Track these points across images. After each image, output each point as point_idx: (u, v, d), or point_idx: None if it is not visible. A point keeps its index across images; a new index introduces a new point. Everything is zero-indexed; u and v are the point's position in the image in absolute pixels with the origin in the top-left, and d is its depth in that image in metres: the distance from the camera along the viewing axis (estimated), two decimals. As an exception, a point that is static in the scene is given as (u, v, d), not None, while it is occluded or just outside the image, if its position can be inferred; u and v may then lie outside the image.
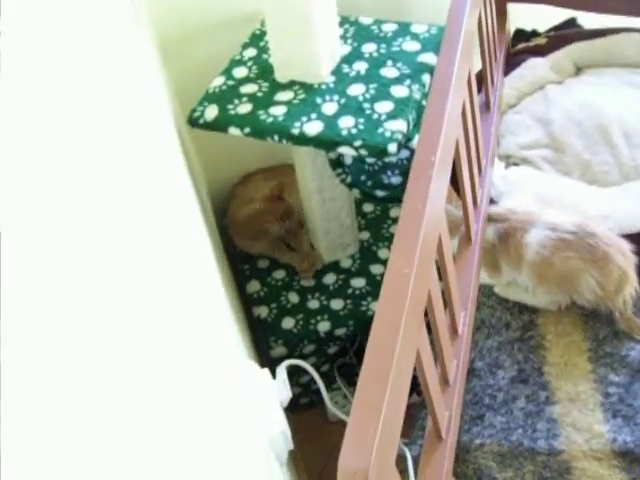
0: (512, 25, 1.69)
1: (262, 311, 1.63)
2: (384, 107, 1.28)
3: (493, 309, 1.32)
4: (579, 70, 1.57)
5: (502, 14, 1.57)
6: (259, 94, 1.36)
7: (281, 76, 1.38)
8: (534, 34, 1.65)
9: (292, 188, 1.60)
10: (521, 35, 1.68)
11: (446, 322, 1.00)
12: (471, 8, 1.13)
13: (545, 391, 1.21)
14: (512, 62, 1.56)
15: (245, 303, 1.69)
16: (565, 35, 1.58)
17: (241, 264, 1.73)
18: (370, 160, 1.54)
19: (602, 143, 1.40)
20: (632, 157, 1.38)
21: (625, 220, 1.30)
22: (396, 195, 1.46)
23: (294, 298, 1.64)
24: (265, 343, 1.61)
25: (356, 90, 1.33)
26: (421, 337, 0.80)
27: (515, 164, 1.45)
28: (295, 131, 1.27)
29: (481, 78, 1.38)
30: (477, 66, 1.37)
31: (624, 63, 1.55)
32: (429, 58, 1.37)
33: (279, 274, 1.70)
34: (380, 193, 1.49)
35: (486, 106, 1.39)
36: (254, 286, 1.68)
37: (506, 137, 1.48)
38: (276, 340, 1.58)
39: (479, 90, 1.40)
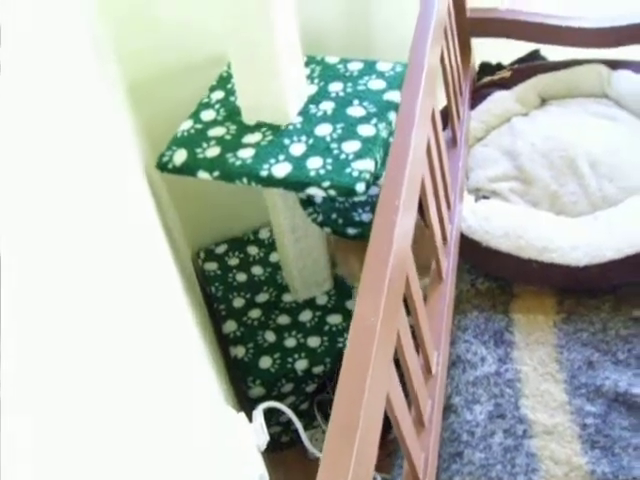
0: (478, 59, 1.72)
1: (239, 351, 1.63)
2: (351, 147, 1.29)
3: (469, 343, 1.32)
4: (544, 101, 1.59)
5: (466, 48, 1.59)
6: (227, 137, 1.36)
7: (249, 118, 1.39)
8: (499, 67, 1.67)
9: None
10: (487, 68, 1.71)
11: (419, 362, 1.00)
12: (432, 44, 1.14)
13: (523, 424, 1.21)
14: (478, 96, 1.58)
15: (222, 344, 1.68)
16: (529, 68, 1.60)
17: (217, 304, 1.72)
18: (340, 198, 1.55)
19: (569, 174, 1.41)
20: (599, 187, 1.40)
21: (594, 250, 1.31)
22: (367, 232, 1.46)
23: (270, 337, 1.63)
24: (243, 383, 1.60)
25: (323, 130, 1.34)
26: (391, 381, 0.80)
27: (485, 197, 1.46)
28: (264, 173, 1.27)
29: (447, 113, 1.40)
30: (442, 101, 1.39)
31: (587, 93, 1.57)
32: (394, 96, 1.39)
33: (255, 313, 1.69)
34: (351, 231, 1.49)
35: (453, 141, 1.40)
36: (230, 326, 1.68)
37: (475, 170, 1.49)
38: (254, 380, 1.57)
39: (445, 125, 1.41)
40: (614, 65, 1.56)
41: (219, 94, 1.47)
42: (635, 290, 1.34)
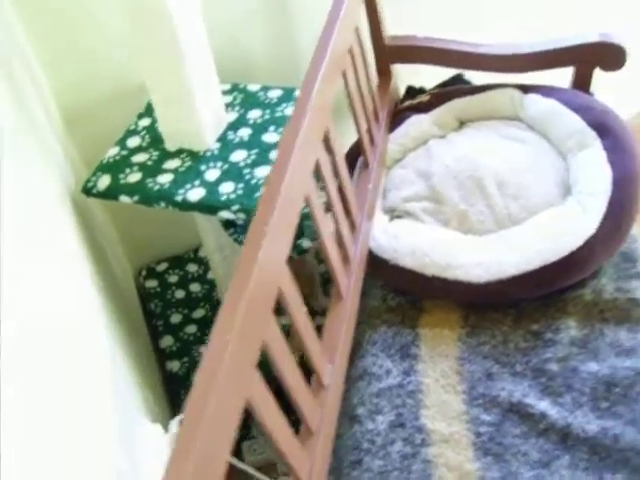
0: (418, 82, 1.79)
1: (174, 365, 1.69)
2: (263, 172, 1.37)
3: (376, 357, 1.39)
4: (462, 124, 1.67)
5: (385, 74, 1.67)
6: (149, 163, 1.44)
7: (170, 145, 1.46)
8: (422, 91, 1.74)
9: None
10: (412, 92, 1.78)
11: (303, 374, 1.07)
12: (328, 72, 1.20)
13: (421, 434, 1.28)
14: (397, 119, 1.65)
15: (160, 358, 1.75)
16: (447, 92, 1.68)
17: (156, 320, 1.79)
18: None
19: (477, 194, 1.48)
20: (505, 206, 1.47)
21: (495, 266, 1.38)
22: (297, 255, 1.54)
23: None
24: (178, 397, 1.66)
25: (238, 156, 1.41)
26: (253, 390, 0.87)
27: (399, 217, 1.53)
28: (179, 198, 1.35)
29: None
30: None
31: (501, 116, 1.64)
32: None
33: (191, 329, 1.76)
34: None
35: (364, 164, 1.47)
36: (167, 341, 1.75)
37: (391, 191, 1.56)
38: (187, 394, 1.63)
39: (360, 148, 1.48)
40: (526, 89, 1.63)
41: (146, 121, 1.55)
42: (535, 305, 1.41)
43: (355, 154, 1.52)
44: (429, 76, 1.80)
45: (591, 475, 1.20)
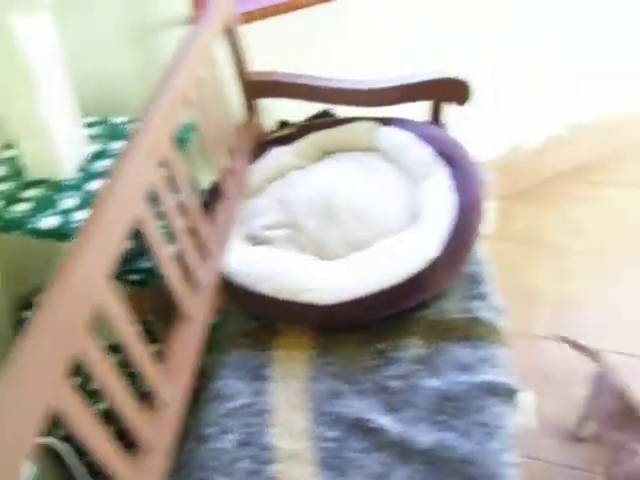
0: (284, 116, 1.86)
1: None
2: (117, 200, 1.41)
3: (229, 379, 1.43)
4: (323, 155, 1.74)
5: (251, 109, 1.74)
6: (10, 192, 1.47)
7: (31, 174, 1.49)
8: (289, 125, 1.82)
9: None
10: (284, 125, 1.86)
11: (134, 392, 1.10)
12: (167, 102, 1.25)
13: (267, 451, 1.32)
14: (261, 152, 1.72)
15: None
16: (309, 125, 1.76)
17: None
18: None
19: (331, 221, 1.56)
20: (357, 232, 1.54)
21: (342, 289, 1.44)
22: (148, 279, 1.57)
23: (75, 380, 1.71)
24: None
25: (96, 185, 1.45)
26: (64, 399, 0.90)
27: (260, 244, 1.59)
28: (34, 226, 1.38)
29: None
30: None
31: (360, 147, 1.73)
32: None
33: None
34: (134, 277, 1.60)
35: (222, 193, 1.53)
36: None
37: (252, 219, 1.62)
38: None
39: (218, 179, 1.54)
40: (383, 122, 1.72)
41: (12, 152, 1.58)
42: (383, 325, 1.48)
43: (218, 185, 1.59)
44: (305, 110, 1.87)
45: (425, 485, 1.26)
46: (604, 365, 1.86)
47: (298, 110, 1.87)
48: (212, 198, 1.57)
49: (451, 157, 1.60)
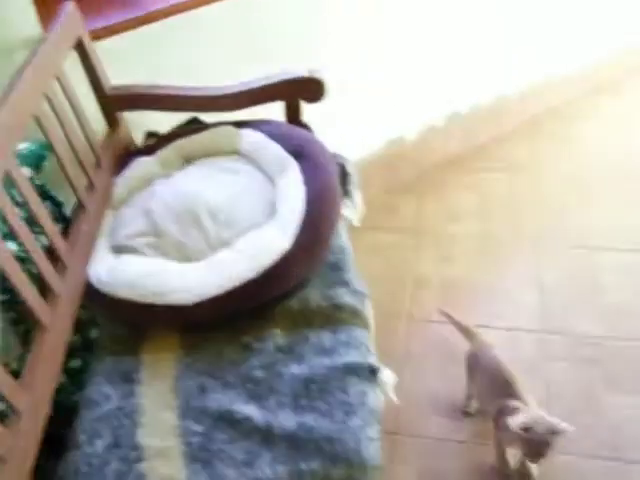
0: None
1: None
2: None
3: (99, 385, 1.46)
4: (187, 162, 1.78)
5: (112, 122, 1.77)
6: None
7: None
8: (155, 135, 1.86)
9: None
10: (151, 136, 1.89)
11: None
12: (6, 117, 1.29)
13: (136, 451, 1.35)
14: (126, 163, 1.75)
15: None
16: (171, 134, 1.80)
17: None
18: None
19: (193, 225, 1.59)
20: (218, 233, 1.58)
21: (200, 288, 1.48)
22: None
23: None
24: None
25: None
26: None
27: (126, 253, 1.61)
28: None
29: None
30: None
31: (222, 152, 1.77)
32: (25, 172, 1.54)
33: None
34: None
35: (80, 206, 1.56)
36: None
37: (117, 229, 1.65)
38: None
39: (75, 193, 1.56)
40: (240, 125, 1.77)
41: None
42: (247, 319, 1.52)
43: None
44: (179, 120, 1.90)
45: (289, 467, 1.30)
46: (477, 342, 1.95)
47: (173, 121, 1.90)
48: (75, 213, 1.59)
49: (303, 152, 1.66)
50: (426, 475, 1.89)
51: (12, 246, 1.41)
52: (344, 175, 1.84)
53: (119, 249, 1.63)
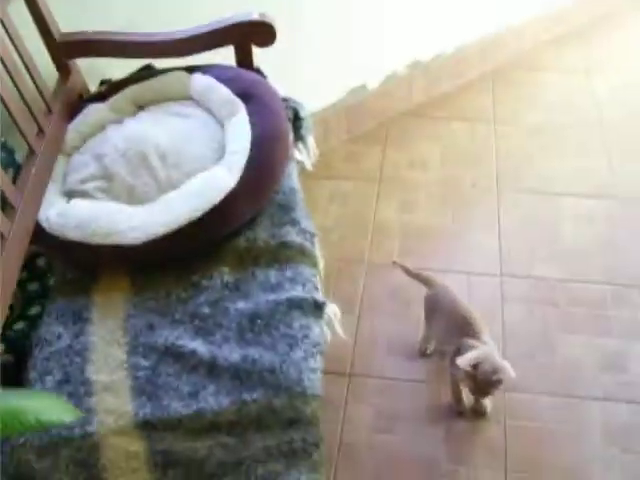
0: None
1: None
2: None
3: (50, 325, 1.49)
4: (140, 109, 1.80)
5: (63, 69, 1.77)
6: None
7: None
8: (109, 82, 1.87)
9: None
10: (107, 84, 1.89)
11: None
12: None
13: (85, 386, 1.38)
14: (77, 110, 1.76)
15: None
16: (123, 80, 1.80)
17: None
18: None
19: (142, 167, 1.61)
20: (167, 175, 1.60)
21: (149, 228, 1.50)
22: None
23: None
24: None
25: None
26: None
27: (77, 197, 1.63)
28: None
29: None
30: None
31: (174, 97, 1.79)
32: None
33: None
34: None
35: (30, 151, 1.57)
36: None
37: (70, 175, 1.67)
38: None
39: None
40: (191, 70, 1.78)
41: None
42: (196, 258, 1.55)
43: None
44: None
45: (232, 397, 1.34)
46: (435, 285, 1.98)
47: (129, 68, 1.90)
48: (25, 159, 1.60)
49: (249, 95, 1.68)
50: (382, 414, 1.93)
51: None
52: (297, 120, 1.86)
53: (70, 194, 1.65)
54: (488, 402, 1.90)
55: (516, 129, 2.73)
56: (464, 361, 1.71)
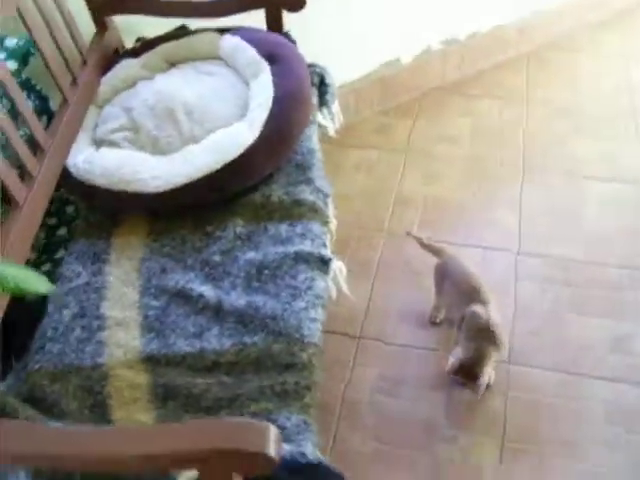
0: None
1: None
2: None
3: (71, 264, 1.58)
4: (171, 66, 1.87)
5: (101, 25, 1.85)
6: None
7: None
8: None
9: None
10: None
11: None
12: None
13: (98, 320, 1.47)
14: (111, 64, 1.85)
15: None
16: (156, 38, 1.88)
17: None
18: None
19: (168, 121, 1.68)
20: (191, 129, 1.67)
21: (171, 177, 1.58)
22: None
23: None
24: None
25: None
26: None
27: (105, 146, 1.71)
28: None
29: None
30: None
31: (203, 56, 1.86)
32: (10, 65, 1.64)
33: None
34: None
35: (63, 100, 1.66)
36: None
37: (100, 125, 1.75)
38: None
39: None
40: (222, 31, 1.85)
41: None
42: (212, 210, 1.62)
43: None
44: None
45: (234, 339, 1.42)
46: (445, 254, 2.02)
47: (166, 28, 1.97)
48: (59, 107, 1.69)
49: (274, 56, 1.74)
50: (387, 377, 1.98)
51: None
52: (322, 85, 1.91)
53: (100, 143, 1.73)
54: (492, 373, 1.93)
55: (548, 110, 2.73)
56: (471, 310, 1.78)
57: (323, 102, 1.91)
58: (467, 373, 1.78)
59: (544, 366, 1.98)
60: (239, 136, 1.60)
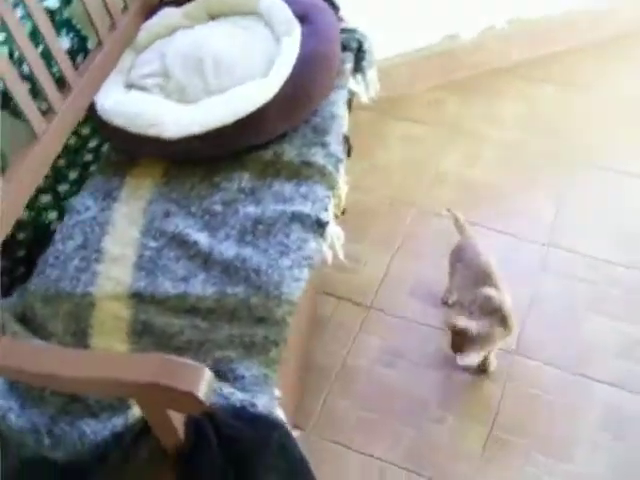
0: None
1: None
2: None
3: (82, 197, 1.66)
4: (209, 18, 1.91)
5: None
6: None
7: None
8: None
9: None
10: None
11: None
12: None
13: (97, 253, 1.54)
14: (153, 11, 1.90)
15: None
16: (199, -10, 1.93)
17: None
18: None
19: (196, 71, 1.72)
20: (217, 80, 1.71)
21: (186, 125, 1.62)
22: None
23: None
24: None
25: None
26: None
27: (136, 90, 1.78)
28: None
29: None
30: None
31: (243, 12, 1.88)
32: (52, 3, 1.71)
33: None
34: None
35: (98, 42, 1.73)
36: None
37: (135, 69, 1.81)
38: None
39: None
40: (264, -11, 1.87)
41: None
42: (223, 162, 1.67)
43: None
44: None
45: (216, 288, 1.46)
46: (464, 236, 2.00)
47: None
48: (94, 49, 1.76)
49: (306, 17, 1.75)
50: (389, 349, 2.00)
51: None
52: (360, 51, 1.91)
53: (131, 86, 1.79)
54: (494, 359, 1.92)
55: (607, 103, 2.63)
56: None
57: (358, 68, 1.91)
58: (460, 341, 1.77)
59: (548, 361, 1.95)
60: (256, 93, 1.63)
